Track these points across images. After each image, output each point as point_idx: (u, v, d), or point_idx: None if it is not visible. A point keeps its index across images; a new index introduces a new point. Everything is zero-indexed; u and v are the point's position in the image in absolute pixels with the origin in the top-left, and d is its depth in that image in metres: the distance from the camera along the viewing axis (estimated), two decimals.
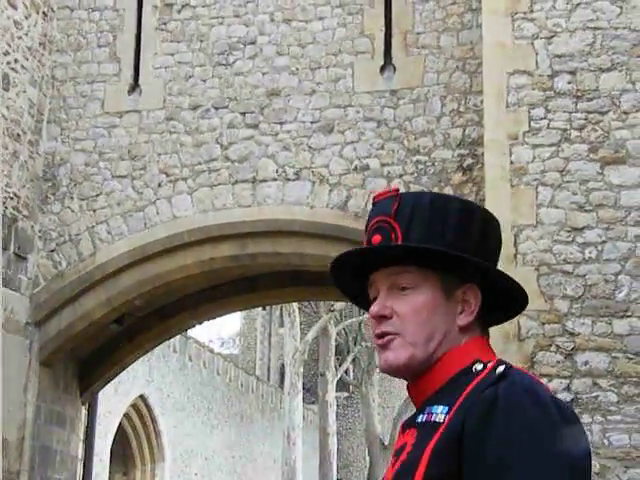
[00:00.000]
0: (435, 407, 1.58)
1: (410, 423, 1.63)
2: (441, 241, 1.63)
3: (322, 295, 14.45)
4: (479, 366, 1.60)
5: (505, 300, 1.74)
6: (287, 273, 11.27)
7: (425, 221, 1.65)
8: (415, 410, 1.68)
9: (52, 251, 10.72)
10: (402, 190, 1.76)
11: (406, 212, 1.66)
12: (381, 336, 1.66)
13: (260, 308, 36.11)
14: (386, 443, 26.58)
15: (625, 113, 8.39)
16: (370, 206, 1.76)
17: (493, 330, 6.54)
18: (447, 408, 1.56)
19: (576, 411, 7.72)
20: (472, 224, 1.67)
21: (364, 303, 1.76)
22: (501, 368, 1.57)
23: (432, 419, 1.57)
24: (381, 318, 1.66)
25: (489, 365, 1.60)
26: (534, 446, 1.45)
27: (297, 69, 10.40)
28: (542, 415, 1.48)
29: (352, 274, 1.75)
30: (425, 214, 1.65)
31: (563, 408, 1.53)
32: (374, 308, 1.67)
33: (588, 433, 7.73)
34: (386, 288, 1.67)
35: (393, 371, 1.66)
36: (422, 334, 1.63)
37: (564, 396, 7.93)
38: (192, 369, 24.63)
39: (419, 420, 1.60)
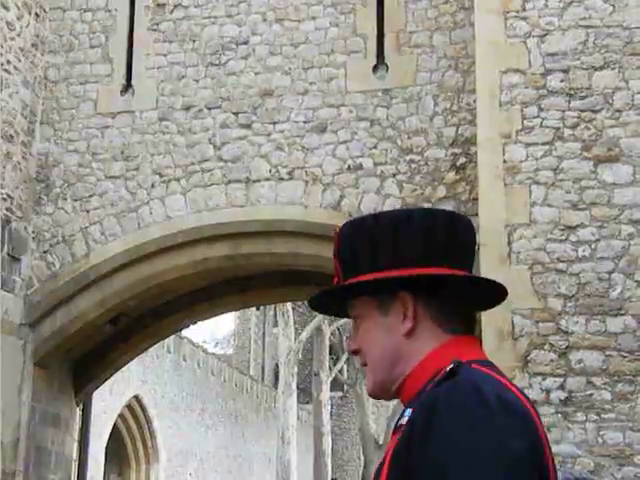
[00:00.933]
0: (406, 410, 1.61)
1: (395, 426, 1.66)
2: (365, 265, 1.69)
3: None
4: (449, 367, 1.61)
5: (479, 294, 1.74)
6: (281, 273, 11.27)
7: (353, 251, 1.71)
8: None
9: (46, 252, 10.70)
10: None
11: (344, 247, 1.73)
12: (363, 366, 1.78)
13: (254, 308, 36.10)
14: (380, 442, 26.61)
15: (618, 111, 8.40)
16: (363, 205, 1.83)
17: (487, 329, 6.51)
18: (411, 410, 1.59)
19: (570, 409, 7.75)
20: (411, 234, 1.68)
21: None
22: (449, 366, 1.57)
23: (402, 422, 1.60)
24: (355, 353, 1.76)
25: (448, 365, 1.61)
26: (471, 447, 1.43)
27: (290, 69, 10.40)
28: (482, 414, 1.46)
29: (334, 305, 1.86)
30: (353, 243, 1.71)
31: (509, 406, 1.49)
32: (348, 346, 1.80)
33: (582, 431, 7.75)
34: (353, 322, 1.77)
35: (372, 396, 1.77)
36: (375, 358, 1.70)
37: (558, 394, 7.95)
38: (186, 369, 24.61)
39: (398, 424, 1.63)
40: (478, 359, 1.63)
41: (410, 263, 1.68)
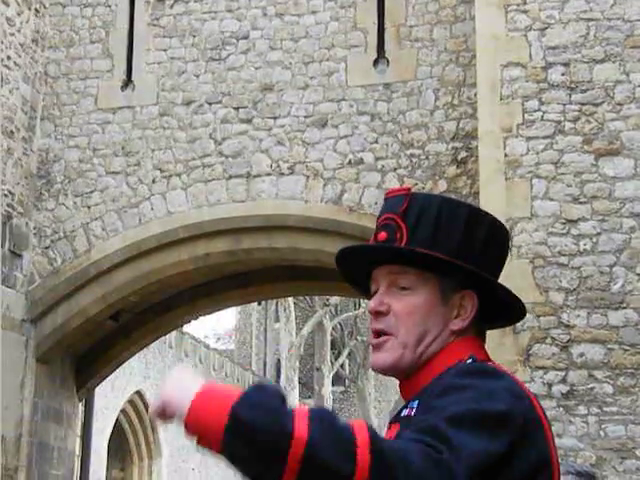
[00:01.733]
0: (415, 402, 1.60)
1: (396, 418, 1.65)
2: (445, 246, 1.65)
3: (317, 290, 14.45)
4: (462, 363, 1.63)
5: (502, 309, 1.76)
6: (282, 268, 11.27)
7: (431, 224, 1.67)
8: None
9: (47, 248, 10.70)
10: (413, 189, 1.78)
11: (414, 212, 1.68)
12: (377, 334, 1.69)
13: (255, 303, 36.10)
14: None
15: (619, 104, 8.39)
16: (364, 200, 1.79)
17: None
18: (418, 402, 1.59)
19: (572, 403, 7.75)
20: (477, 232, 1.69)
21: (366, 292, 1.78)
22: (468, 360, 1.59)
23: (410, 413, 1.59)
24: (377, 314, 1.68)
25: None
26: (463, 397, 1.46)
27: (290, 63, 10.38)
28: (481, 381, 1.50)
29: (356, 265, 1.78)
30: (432, 217, 1.67)
31: (520, 393, 1.52)
32: (372, 303, 1.70)
33: (584, 425, 7.75)
34: (386, 285, 1.69)
35: (382, 371, 1.69)
36: (413, 336, 1.65)
37: (560, 388, 7.95)
38: (188, 364, 24.62)
39: (402, 414, 1.62)
40: (488, 357, 1.66)
41: (491, 266, 1.71)
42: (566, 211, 8.29)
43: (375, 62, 10.14)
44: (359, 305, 27.92)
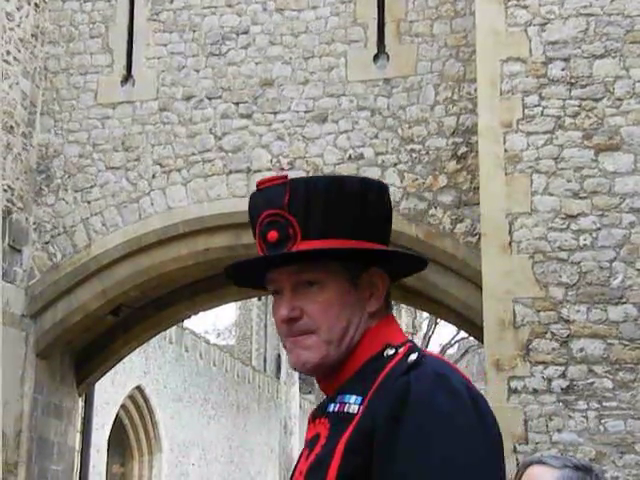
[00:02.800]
0: (348, 396, 1.52)
1: (321, 412, 1.56)
2: (340, 228, 1.55)
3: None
4: (390, 351, 1.54)
5: (404, 268, 1.69)
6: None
7: (321, 211, 1.55)
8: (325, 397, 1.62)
9: (47, 243, 10.71)
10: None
11: (300, 202, 1.55)
12: (292, 335, 1.59)
13: (256, 298, 36.10)
14: None
15: (619, 100, 8.39)
16: None
17: (488, 318, 6.49)
18: (360, 398, 1.50)
19: (572, 398, 7.76)
20: (370, 205, 1.58)
21: (257, 286, 1.69)
22: (413, 356, 1.50)
23: (345, 409, 1.50)
24: (291, 321, 1.57)
25: (400, 351, 1.53)
26: (446, 439, 1.38)
27: (290, 58, 10.38)
28: (454, 405, 1.42)
29: (249, 274, 1.69)
30: (320, 203, 1.55)
31: (476, 397, 1.47)
32: (283, 312, 1.58)
33: (584, 420, 7.76)
34: (290, 287, 1.58)
35: (306, 371, 1.59)
36: (337, 331, 1.55)
37: (560, 383, 7.96)
38: (188, 360, 24.64)
39: (331, 409, 1.53)
40: (409, 341, 1.58)
41: (371, 237, 1.59)
42: (566, 206, 8.29)
43: (375, 57, 10.14)
44: None
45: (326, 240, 1.55)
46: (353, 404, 1.50)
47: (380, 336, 1.57)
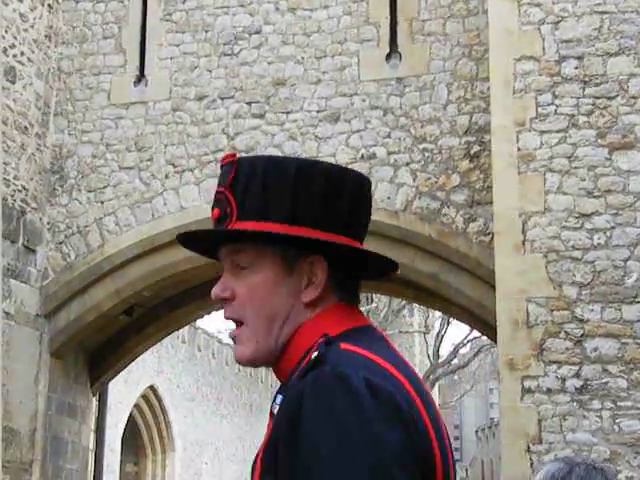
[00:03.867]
0: (279, 396, 1.48)
1: (271, 411, 1.52)
2: (278, 211, 1.49)
3: None
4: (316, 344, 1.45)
5: (366, 263, 1.58)
6: None
7: (260, 191, 1.50)
8: None
9: (61, 243, 10.74)
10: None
11: (242, 181, 1.52)
12: (235, 325, 1.54)
13: None
14: None
15: (633, 98, 8.35)
16: (377, 194, 1.67)
17: (502, 318, 6.48)
18: (283, 397, 1.45)
19: (586, 397, 7.73)
20: (311, 188, 1.50)
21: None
22: (314, 354, 1.40)
23: (274, 411, 1.47)
24: (223, 300, 1.54)
25: (314, 346, 1.44)
26: (336, 447, 1.31)
27: (302, 58, 10.37)
28: (348, 407, 1.32)
29: (201, 246, 1.66)
30: (259, 183, 1.51)
31: (379, 394, 1.35)
32: (215, 290, 1.56)
33: (598, 419, 7.73)
34: (228, 267, 1.55)
35: (243, 364, 1.55)
36: (261, 319, 1.49)
37: (574, 382, 7.92)
38: (201, 359, 24.69)
39: (272, 409, 1.49)
40: (347, 330, 1.48)
41: (338, 221, 1.52)
42: (580, 205, 8.26)
43: (387, 56, 10.12)
44: (371, 300, 27.91)
45: (260, 222, 1.50)
46: (277, 404, 1.46)
47: (319, 327, 1.48)
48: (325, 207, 1.50)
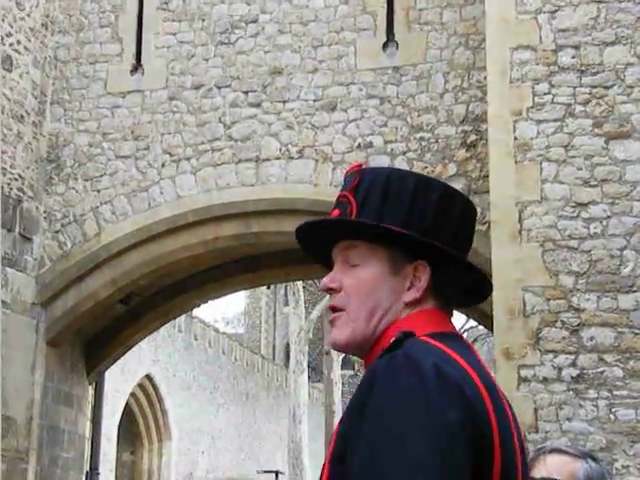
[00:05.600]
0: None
1: None
2: (393, 216, 1.62)
3: (326, 273, 14.46)
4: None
5: (468, 284, 1.71)
6: (291, 252, 11.26)
7: (379, 196, 1.64)
8: None
9: (57, 232, 10.74)
10: (397, 165, 1.76)
11: (364, 187, 1.66)
12: (332, 311, 1.67)
13: (264, 287, 36.18)
14: None
15: (630, 87, 8.35)
16: None
17: (498, 307, 6.48)
18: None
19: (582, 386, 7.75)
20: (427, 201, 1.64)
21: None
22: (391, 340, 1.53)
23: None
24: (330, 291, 1.67)
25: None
26: (401, 422, 1.40)
27: (299, 47, 10.36)
28: (415, 385, 1.42)
29: (316, 243, 1.77)
30: (380, 189, 1.65)
31: (445, 377, 1.44)
32: (324, 280, 1.69)
33: (594, 408, 7.76)
34: (340, 262, 1.68)
35: (337, 348, 1.67)
36: (363, 310, 1.62)
37: (570, 372, 7.95)
38: (197, 348, 24.73)
39: None
40: (437, 331, 1.58)
41: (447, 236, 1.66)
42: (576, 194, 8.27)
43: (384, 45, 10.11)
44: None
45: (378, 223, 1.63)
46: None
47: (409, 325, 1.59)
48: (435, 220, 1.64)
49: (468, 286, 1.72)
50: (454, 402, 1.42)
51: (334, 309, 1.66)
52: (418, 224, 1.63)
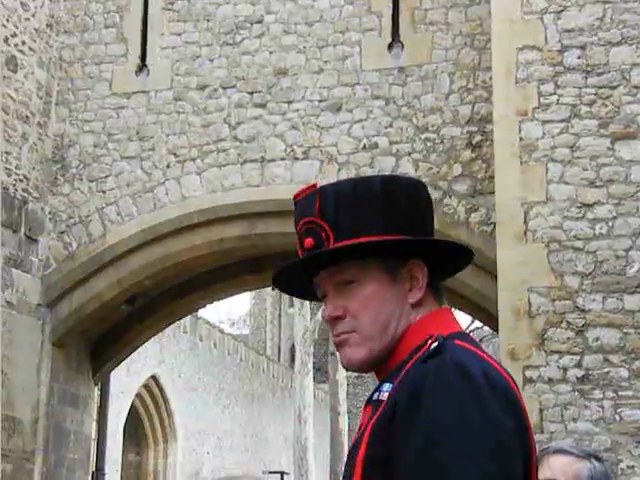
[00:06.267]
0: (386, 385, 1.56)
1: (369, 400, 1.62)
2: (371, 226, 1.60)
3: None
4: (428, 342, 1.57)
5: (448, 259, 1.70)
6: (296, 252, 11.26)
7: (350, 211, 1.61)
8: None
9: (62, 233, 10.75)
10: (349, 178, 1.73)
11: (330, 207, 1.62)
12: (339, 334, 1.65)
13: (270, 288, 36.19)
14: None
15: (635, 87, 8.33)
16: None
17: (503, 307, 6.47)
18: (391, 386, 1.54)
19: (587, 387, 7.73)
20: (398, 200, 1.62)
21: (313, 296, 1.73)
22: (434, 345, 1.52)
23: (379, 397, 1.55)
24: (335, 320, 1.63)
25: (430, 340, 1.55)
26: (458, 424, 1.40)
27: (304, 47, 10.35)
28: (468, 390, 1.43)
29: (294, 280, 1.74)
30: (349, 204, 1.61)
31: (495, 384, 1.47)
32: (327, 312, 1.65)
33: (599, 409, 7.74)
34: (332, 288, 1.64)
35: (353, 368, 1.64)
36: (377, 326, 1.60)
37: (575, 372, 7.93)
38: (203, 349, 24.73)
39: (374, 397, 1.58)
40: (457, 332, 1.59)
41: (422, 225, 1.63)
42: (582, 195, 8.25)
43: (390, 46, 10.10)
44: None
45: (358, 238, 1.60)
46: (385, 391, 1.55)
47: (425, 328, 1.59)
48: (410, 215, 1.63)
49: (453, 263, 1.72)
50: (506, 409, 1.45)
51: (343, 333, 1.63)
52: (396, 225, 1.61)
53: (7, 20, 10.20)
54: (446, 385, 1.44)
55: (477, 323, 24.15)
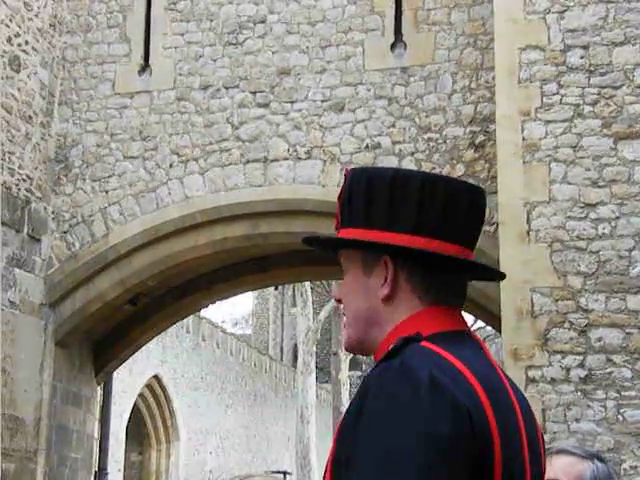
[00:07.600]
0: None
1: None
2: (360, 218, 1.64)
3: (334, 274, 14.45)
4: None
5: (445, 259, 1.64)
6: (299, 252, 11.26)
7: (348, 200, 1.67)
8: None
9: (65, 232, 10.76)
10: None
11: (345, 193, 1.69)
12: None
13: (272, 288, 36.17)
14: None
15: (639, 87, 8.32)
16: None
17: (506, 307, 6.45)
18: None
19: (590, 387, 7.73)
20: (377, 192, 1.62)
21: None
22: (391, 347, 1.51)
23: None
24: (339, 302, 1.73)
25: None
26: (391, 434, 1.39)
27: (307, 47, 10.36)
28: (409, 396, 1.41)
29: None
30: (349, 193, 1.67)
31: (440, 389, 1.42)
32: (333, 294, 1.79)
33: (602, 409, 7.74)
34: (343, 272, 1.73)
35: (349, 351, 1.74)
36: (350, 315, 1.67)
37: (578, 372, 7.93)
38: (205, 349, 24.74)
39: None
40: (439, 332, 1.55)
41: (402, 228, 1.61)
42: (585, 195, 8.24)
43: (392, 46, 10.10)
44: None
45: (348, 229, 1.65)
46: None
47: (407, 328, 1.58)
48: (390, 209, 1.62)
49: (475, 274, 1.70)
50: (446, 415, 1.40)
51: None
52: (375, 220, 1.62)
53: (10, 20, 10.21)
54: (385, 390, 1.44)
55: (480, 323, 24.14)
